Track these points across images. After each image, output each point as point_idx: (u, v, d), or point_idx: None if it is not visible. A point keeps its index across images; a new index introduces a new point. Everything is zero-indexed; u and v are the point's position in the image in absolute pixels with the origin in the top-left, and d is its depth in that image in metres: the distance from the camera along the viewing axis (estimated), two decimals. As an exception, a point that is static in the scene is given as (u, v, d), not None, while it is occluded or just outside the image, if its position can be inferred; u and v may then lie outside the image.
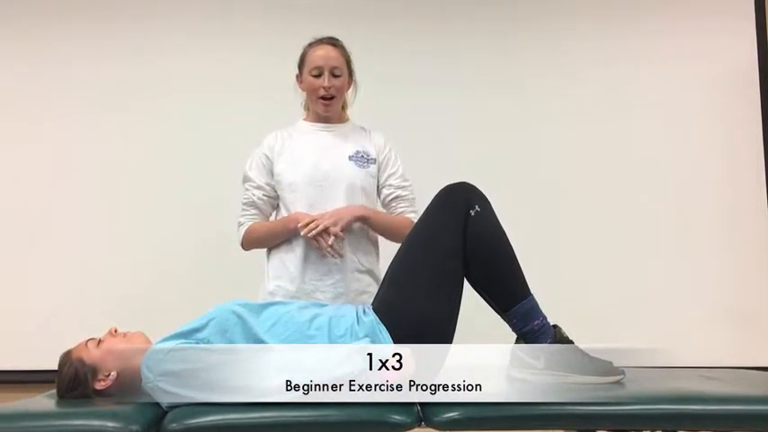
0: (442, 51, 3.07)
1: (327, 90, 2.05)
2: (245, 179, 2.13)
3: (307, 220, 1.94)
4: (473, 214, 1.59)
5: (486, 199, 1.63)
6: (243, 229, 2.11)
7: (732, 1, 3.11)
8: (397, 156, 2.16)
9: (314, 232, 1.92)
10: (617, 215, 2.99)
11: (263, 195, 2.10)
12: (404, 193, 2.13)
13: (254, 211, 2.11)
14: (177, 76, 3.04)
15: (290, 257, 2.03)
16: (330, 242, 1.92)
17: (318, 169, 2.04)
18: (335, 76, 2.05)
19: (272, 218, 2.16)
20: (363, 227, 2.05)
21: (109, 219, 2.96)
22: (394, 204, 2.13)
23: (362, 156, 2.09)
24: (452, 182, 1.66)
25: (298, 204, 2.04)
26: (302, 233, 1.94)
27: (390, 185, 2.12)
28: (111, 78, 3.03)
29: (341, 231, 1.94)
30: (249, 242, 2.11)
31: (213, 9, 3.08)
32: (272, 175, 2.09)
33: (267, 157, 2.11)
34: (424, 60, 3.05)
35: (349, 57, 2.10)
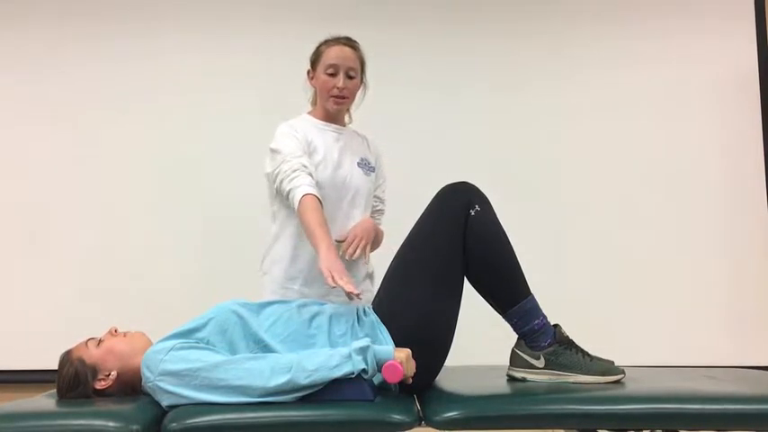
0: (442, 52, 3.07)
1: (341, 90, 2.00)
2: (279, 152, 1.90)
3: (349, 242, 1.89)
4: (473, 214, 1.59)
5: (487, 199, 1.63)
6: (298, 193, 1.80)
7: (732, 2, 3.11)
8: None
9: (359, 252, 1.88)
10: (617, 215, 3.00)
11: (305, 166, 1.88)
12: (383, 207, 2.19)
13: (304, 175, 1.85)
14: (179, 77, 3.04)
15: (299, 260, 1.98)
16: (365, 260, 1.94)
17: (337, 173, 1.99)
18: (350, 78, 2.00)
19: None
20: None
21: (109, 219, 2.96)
22: (374, 216, 2.15)
23: (366, 163, 2.09)
24: (452, 182, 1.66)
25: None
26: (348, 258, 1.87)
27: (377, 197, 2.15)
28: (112, 79, 3.03)
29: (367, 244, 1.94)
30: (299, 212, 1.82)
31: (215, 10, 3.08)
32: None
33: (302, 132, 1.97)
34: (423, 61, 3.06)
35: (364, 59, 2.06)
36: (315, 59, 2.06)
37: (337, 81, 1.99)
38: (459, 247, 1.58)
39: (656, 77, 3.07)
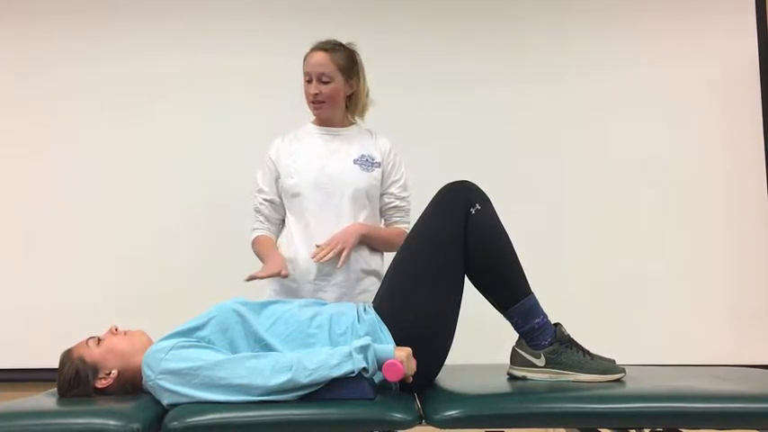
0: (443, 51, 3.07)
1: (315, 96, 2.06)
2: (256, 181, 2.16)
3: (322, 247, 1.95)
4: (474, 213, 1.59)
5: (487, 198, 1.63)
6: (251, 237, 2.14)
7: (733, 0, 3.11)
8: (401, 162, 2.17)
9: (329, 255, 1.93)
10: (618, 214, 2.99)
11: (264, 200, 2.12)
12: (402, 204, 2.15)
13: (260, 218, 2.14)
14: (179, 76, 3.04)
15: (294, 257, 2.03)
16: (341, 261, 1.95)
17: (323, 173, 2.05)
18: (323, 83, 2.04)
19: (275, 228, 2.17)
20: None
21: (109, 217, 2.96)
22: (390, 213, 2.15)
23: (367, 159, 2.10)
24: (453, 180, 1.66)
25: (303, 207, 2.04)
26: (315, 260, 1.95)
27: (391, 194, 2.14)
28: (111, 78, 3.04)
29: (349, 250, 1.96)
30: (254, 251, 2.13)
31: (215, 9, 3.08)
32: (276, 178, 2.11)
33: (272, 160, 2.13)
34: (425, 60, 3.06)
35: (350, 62, 2.08)
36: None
37: (311, 88, 2.06)
38: (460, 245, 1.58)
39: (656, 75, 3.06)
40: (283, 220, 2.14)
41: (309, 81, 2.06)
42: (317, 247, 1.96)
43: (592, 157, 3.03)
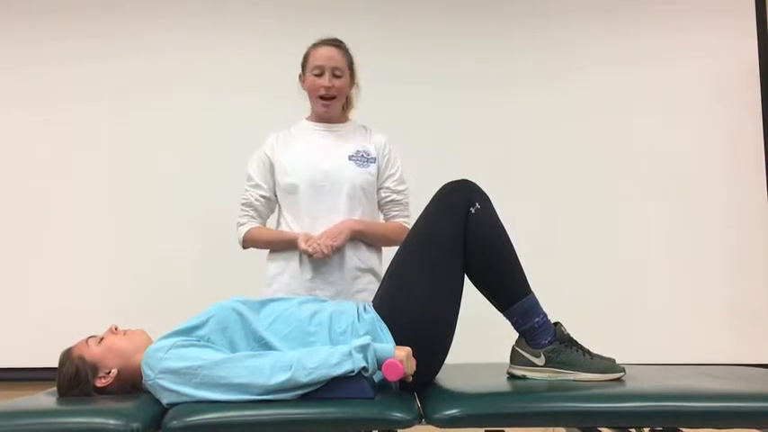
0: (443, 49, 3.07)
1: (328, 90, 2.06)
2: (247, 178, 2.14)
3: (309, 243, 1.95)
4: (473, 212, 1.59)
5: (487, 197, 1.63)
6: (242, 231, 2.12)
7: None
8: (396, 157, 2.17)
9: (316, 247, 1.94)
10: (618, 213, 3.00)
11: (260, 196, 2.11)
12: (399, 198, 2.15)
13: (251, 212, 2.12)
14: (178, 77, 3.04)
15: (291, 254, 2.04)
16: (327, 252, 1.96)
17: (318, 170, 2.06)
18: (336, 77, 2.06)
19: (270, 221, 2.17)
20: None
21: (109, 217, 2.97)
22: (388, 208, 2.15)
23: (362, 155, 2.10)
24: (453, 179, 1.66)
25: (300, 204, 2.05)
26: (301, 250, 1.96)
27: (387, 188, 2.14)
28: (112, 79, 3.04)
29: (338, 244, 1.97)
30: (248, 244, 2.13)
31: (215, 9, 3.08)
32: (272, 174, 2.11)
33: (268, 156, 2.12)
34: (425, 59, 3.06)
35: (352, 59, 2.12)
36: (304, 63, 2.12)
37: (324, 81, 2.05)
38: (460, 245, 1.58)
39: (656, 74, 3.06)
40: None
41: (320, 75, 2.05)
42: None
43: (593, 156, 3.03)
